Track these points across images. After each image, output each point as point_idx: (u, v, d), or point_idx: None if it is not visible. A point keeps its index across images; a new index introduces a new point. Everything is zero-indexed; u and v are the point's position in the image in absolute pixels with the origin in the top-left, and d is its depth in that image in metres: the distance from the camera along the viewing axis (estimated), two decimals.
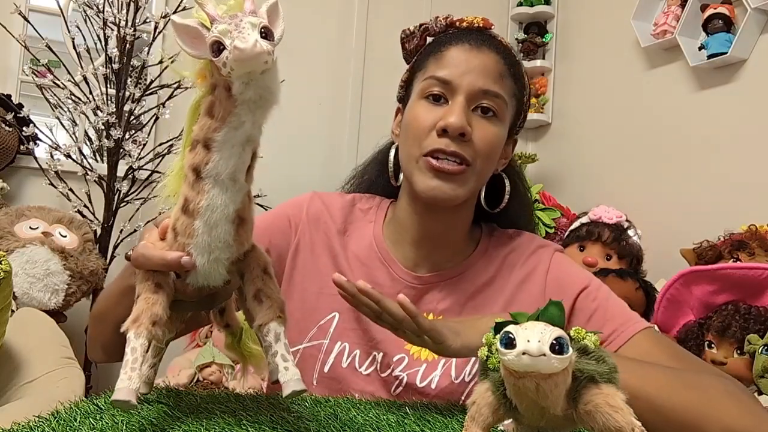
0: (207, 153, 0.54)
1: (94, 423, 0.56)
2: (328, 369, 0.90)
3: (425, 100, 0.90)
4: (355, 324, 0.91)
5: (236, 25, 0.50)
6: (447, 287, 0.93)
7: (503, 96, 0.89)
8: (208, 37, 0.51)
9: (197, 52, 0.52)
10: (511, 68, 0.92)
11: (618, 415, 0.43)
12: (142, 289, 0.56)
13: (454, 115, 0.85)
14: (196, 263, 0.56)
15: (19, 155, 2.13)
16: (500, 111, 0.89)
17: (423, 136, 0.87)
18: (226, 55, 0.49)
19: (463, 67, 0.88)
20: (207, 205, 0.54)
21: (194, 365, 1.80)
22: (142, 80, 2.19)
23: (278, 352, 0.55)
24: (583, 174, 2.68)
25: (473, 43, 0.90)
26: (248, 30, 0.49)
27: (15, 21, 2.12)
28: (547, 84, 2.91)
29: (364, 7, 2.70)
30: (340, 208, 0.99)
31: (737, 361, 1.48)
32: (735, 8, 2.08)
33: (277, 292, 0.59)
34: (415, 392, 0.87)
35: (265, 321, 0.57)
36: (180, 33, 0.52)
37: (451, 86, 0.88)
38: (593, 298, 0.90)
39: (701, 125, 2.19)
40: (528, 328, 0.42)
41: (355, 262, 0.95)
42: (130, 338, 0.53)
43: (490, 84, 0.88)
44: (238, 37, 0.49)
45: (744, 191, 2.01)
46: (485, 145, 0.87)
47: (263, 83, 0.51)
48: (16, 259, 1.79)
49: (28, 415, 0.57)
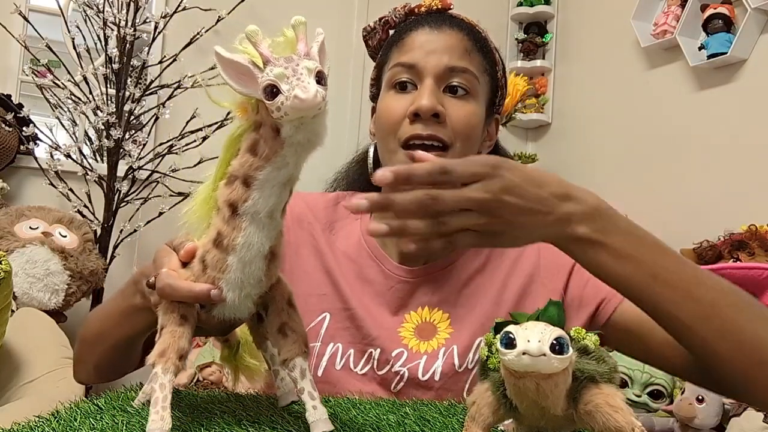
0: (246, 190, 0.53)
1: (94, 423, 0.56)
2: (322, 372, 0.87)
3: (393, 89, 0.87)
4: (347, 323, 0.88)
5: (294, 71, 0.49)
6: (440, 278, 0.91)
7: (472, 71, 0.86)
8: (261, 79, 0.49)
9: (245, 90, 0.51)
10: (478, 43, 0.88)
11: (618, 415, 0.43)
12: (167, 320, 0.56)
13: (424, 97, 0.83)
14: (226, 298, 0.55)
15: (19, 155, 2.13)
16: (472, 87, 0.86)
17: (396, 125, 0.85)
18: (282, 100, 0.48)
19: (426, 48, 0.85)
20: (243, 242, 0.53)
21: (194, 365, 1.80)
22: (142, 80, 2.19)
23: (305, 389, 0.54)
24: (583, 174, 2.68)
25: (433, 24, 0.88)
26: (306, 77, 0.48)
27: (15, 21, 2.12)
28: (547, 84, 2.91)
29: (364, 7, 2.70)
30: (324, 207, 0.97)
31: None
32: (735, 8, 2.08)
33: (301, 325, 0.58)
34: (418, 386, 0.85)
35: (291, 356, 0.56)
36: (226, 68, 0.51)
37: (417, 69, 0.85)
38: (581, 274, 0.88)
39: (701, 125, 2.19)
40: (528, 328, 0.42)
41: (345, 260, 0.93)
42: (158, 373, 0.52)
43: (456, 60, 0.85)
44: (299, 86, 0.48)
45: (744, 191, 2.01)
46: (462, 124, 0.85)
47: (313, 127, 0.51)
48: (16, 259, 1.79)
49: (28, 415, 0.57)
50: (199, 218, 0.59)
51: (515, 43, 2.97)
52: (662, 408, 1.54)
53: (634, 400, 1.55)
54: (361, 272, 0.91)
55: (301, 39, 0.52)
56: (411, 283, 0.91)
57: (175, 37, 2.25)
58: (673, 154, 2.29)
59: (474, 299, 0.90)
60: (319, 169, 0.84)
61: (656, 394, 1.55)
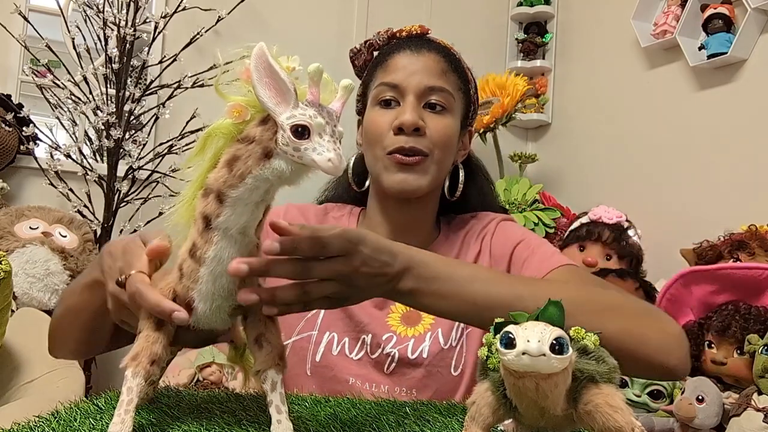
0: (219, 206, 0.53)
1: (94, 423, 0.56)
2: (320, 358, 0.96)
3: (378, 106, 0.99)
4: (340, 313, 0.97)
5: (332, 131, 0.50)
6: None
7: (448, 89, 0.98)
8: (296, 113, 0.49)
9: (268, 104, 0.50)
10: (452, 64, 1.00)
11: (618, 415, 0.43)
12: (144, 325, 0.56)
13: (407, 113, 0.94)
14: (197, 309, 0.56)
15: (19, 155, 2.13)
16: (448, 104, 0.98)
17: (382, 137, 0.96)
18: (307, 147, 0.49)
19: (408, 70, 0.97)
20: (213, 256, 0.54)
21: (194, 365, 1.80)
22: (142, 80, 2.19)
23: (273, 401, 0.55)
24: (583, 174, 2.68)
25: (414, 48, 0.99)
26: (338, 143, 0.50)
27: (15, 21, 2.12)
28: (547, 84, 2.91)
29: (364, 8, 2.70)
30: (314, 215, 1.07)
31: (737, 361, 1.48)
32: (735, 8, 2.08)
33: (277, 337, 0.59)
34: (409, 365, 0.95)
35: (264, 368, 0.56)
36: (263, 70, 0.49)
37: (400, 89, 0.97)
38: (527, 247, 0.98)
39: (701, 125, 2.19)
40: (528, 328, 0.42)
41: None
42: (128, 377, 0.53)
43: (434, 80, 0.97)
44: (335, 150, 0.49)
45: (744, 191, 2.01)
46: (439, 135, 0.96)
47: (305, 174, 0.52)
48: (16, 259, 1.79)
49: (28, 415, 0.57)
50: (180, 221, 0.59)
51: (515, 43, 2.97)
52: (662, 408, 1.54)
53: (634, 400, 1.54)
54: None
55: (341, 100, 0.53)
56: None
57: (175, 37, 2.25)
58: (673, 154, 2.29)
59: None
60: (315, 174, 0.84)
61: (656, 394, 1.55)
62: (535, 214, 2.39)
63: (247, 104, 0.53)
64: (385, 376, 0.95)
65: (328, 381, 0.95)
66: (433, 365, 0.94)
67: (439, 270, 0.71)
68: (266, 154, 0.51)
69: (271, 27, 2.51)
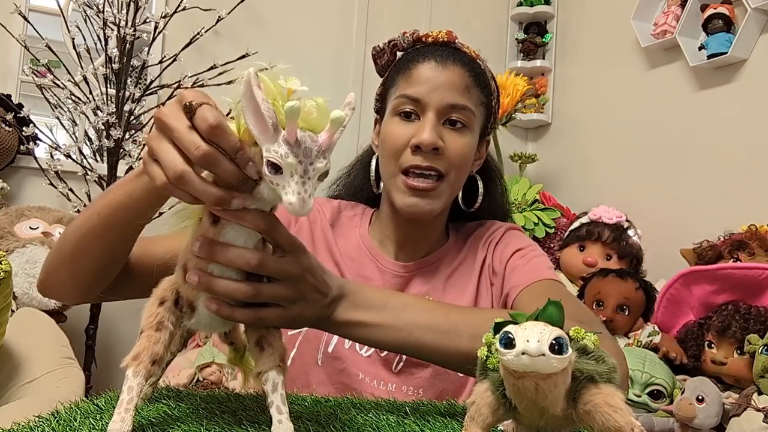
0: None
1: (94, 423, 0.56)
2: (332, 349, 0.96)
3: (398, 117, 0.96)
4: None
5: (305, 171, 0.49)
6: (428, 272, 1.03)
7: (470, 107, 0.95)
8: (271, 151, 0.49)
9: (254, 131, 0.50)
10: (477, 78, 0.97)
11: (617, 415, 0.43)
12: (147, 324, 0.56)
13: (426, 132, 0.92)
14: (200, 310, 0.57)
15: (19, 155, 2.13)
16: (469, 122, 0.96)
17: (399, 152, 0.95)
18: (278, 182, 0.49)
19: (430, 85, 0.94)
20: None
21: (194, 365, 1.80)
22: (142, 80, 2.19)
23: (274, 402, 0.54)
24: (583, 174, 2.68)
25: (439, 59, 0.96)
26: (310, 185, 0.49)
27: (15, 21, 2.12)
28: (547, 84, 2.91)
29: (364, 7, 2.70)
30: (330, 210, 1.07)
31: (737, 361, 1.48)
32: (735, 8, 2.08)
33: (279, 339, 0.59)
34: (417, 365, 0.95)
35: (265, 369, 0.56)
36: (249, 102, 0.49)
37: (421, 104, 0.94)
38: (522, 256, 0.99)
39: (701, 125, 2.19)
40: (527, 328, 0.42)
41: (347, 258, 1.03)
42: (128, 376, 0.53)
43: (457, 98, 0.94)
44: (299, 194, 0.48)
45: (744, 191, 2.01)
46: (457, 156, 0.95)
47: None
48: (16, 259, 1.79)
49: (28, 415, 0.57)
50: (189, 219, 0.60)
51: (515, 43, 2.97)
52: (662, 408, 1.54)
53: (634, 400, 1.54)
54: (360, 270, 1.02)
55: (329, 132, 0.52)
56: (404, 277, 1.02)
57: (175, 37, 2.25)
58: (673, 154, 2.29)
59: (459, 288, 1.01)
60: None
61: (656, 394, 1.55)
62: (535, 214, 2.39)
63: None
64: (393, 375, 0.95)
65: (337, 373, 0.96)
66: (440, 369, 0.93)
67: (374, 298, 0.70)
68: (258, 173, 0.53)
69: (271, 27, 2.52)
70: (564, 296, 0.93)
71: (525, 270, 0.95)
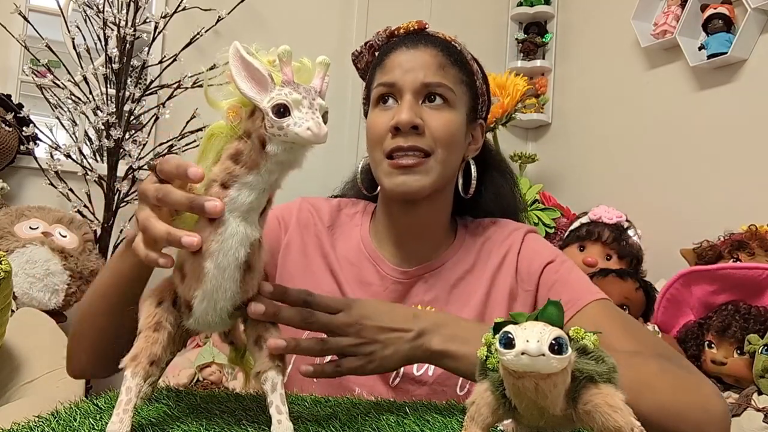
0: (224, 191, 0.54)
1: (94, 423, 0.56)
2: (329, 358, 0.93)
3: (377, 107, 0.95)
4: None
5: (311, 104, 0.51)
6: (431, 278, 0.98)
7: (447, 84, 0.93)
8: (274, 95, 0.51)
9: (249, 93, 0.52)
10: (452, 57, 0.95)
11: (617, 415, 0.43)
12: (144, 325, 0.56)
13: (403, 112, 0.90)
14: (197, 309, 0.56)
15: (19, 155, 2.13)
16: (449, 98, 0.93)
17: (381, 139, 0.93)
18: (290, 123, 0.50)
19: (404, 67, 0.93)
20: (218, 247, 0.54)
21: (194, 365, 1.80)
22: (142, 80, 2.19)
23: (273, 402, 0.55)
24: (583, 174, 2.68)
25: (410, 44, 0.95)
26: (318, 114, 0.51)
27: (15, 21, 2.12)
28: (547, 84, 2.91)
29: (364, 8, 2.70)
30: (328, 211, 1.04)
31: (737, 361, 1.48)
32: (735, 8, 2.08)
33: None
34: (414, 381, 0.92)
35: (264, 369, 0.56)
36: (241, 67, 0.51)
37: (397, 87, 0.93)
38: (555, 271, 0.94)
39: (701, 125, 2.19)
40: (527, 328, 0.42)
41: (345, 263, 0.99)
42: (127, 377, 0.53)
43: (430, 76, 0.92)
44: (314, 119, 0.50)
45: (744, 191, 2.01)
46: (440, 132, 0.91)
47: (299, 152, 0.53)
48: (16, 259, 1.79)
49: (28, 415, 0.57)
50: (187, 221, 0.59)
51: (515, 43, 2.97)
52: None
53: None
54: (359, 275, 0.98)
55: (319, 76, 0.54)
56: (405, 283, 0.98)
57: (175, 37, 2.25)
58: (673, 154, 2.29)
59: (465, 297, 0.96)
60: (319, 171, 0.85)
61: None
62: (535, 214, 2.39)
63: (241, 104, 0.54)
64: (389, 389, 0.93)
65: (333, 383, 0.93)
66: (438, 384, 0.91)
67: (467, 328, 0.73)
68: (261, 142, 0.52)
69: (271, 27, 2.52)
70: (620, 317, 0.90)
71: (568, 291, 0.90)
